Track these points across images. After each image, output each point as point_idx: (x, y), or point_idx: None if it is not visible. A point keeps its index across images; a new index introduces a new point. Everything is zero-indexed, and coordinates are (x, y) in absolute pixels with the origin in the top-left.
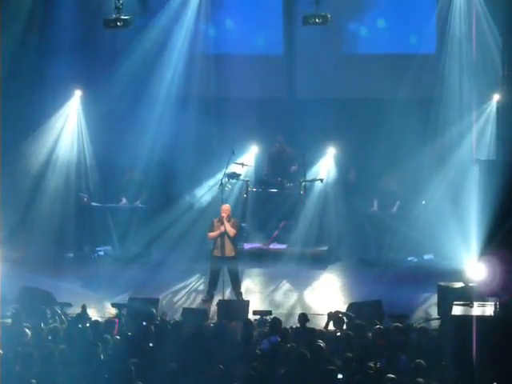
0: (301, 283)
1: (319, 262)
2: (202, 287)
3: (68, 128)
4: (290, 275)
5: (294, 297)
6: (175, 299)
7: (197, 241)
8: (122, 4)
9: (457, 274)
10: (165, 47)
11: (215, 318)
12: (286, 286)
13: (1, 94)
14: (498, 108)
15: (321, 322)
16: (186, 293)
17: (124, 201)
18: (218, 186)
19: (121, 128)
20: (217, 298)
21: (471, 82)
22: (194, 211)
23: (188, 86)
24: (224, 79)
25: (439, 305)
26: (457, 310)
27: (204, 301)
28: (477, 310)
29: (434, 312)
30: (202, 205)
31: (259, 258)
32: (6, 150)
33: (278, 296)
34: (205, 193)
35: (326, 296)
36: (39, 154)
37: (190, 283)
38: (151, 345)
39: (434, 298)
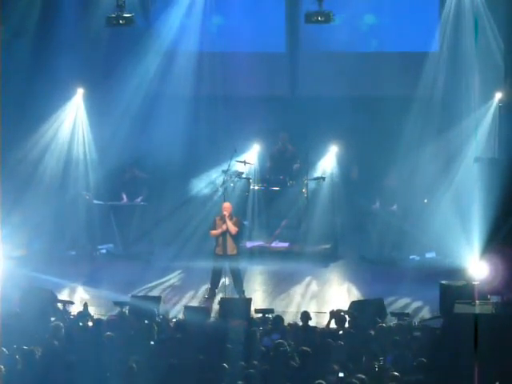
0: (303, 281)
1: (321, 260)
2: (204, 285)
3: (70, 126)
4: (292, 273)
5: (296, 295)
6: (177, 297)
7: (199, 239)
8: (124, 2)
9: (459, 272)
10: (167, 45)
11: (217, 316)
12: (288, 284)
13: (1, 92)
14: (499, 106)
15: (323, 321)
16: (188, 291)
17: (124, 198)
18: (220, 184)
19: (123, 126)
20: (219, 296)
21: (473, 80)
22: (196, 209)
23: (191, 84)
24: (226, 77)
25: (441, 303)
26: (459, 308)
27: (206, 299)
28: (479, 308)
29: (436, 310)
30: (204, 203)
31: (261, 256)
32: (7, 150)
33: (280, 294)
34: (207, 191)
35: (328, 294)
36: (41, 153)
37: (192, 281)
38: (153, 343)
39: (436, 297)
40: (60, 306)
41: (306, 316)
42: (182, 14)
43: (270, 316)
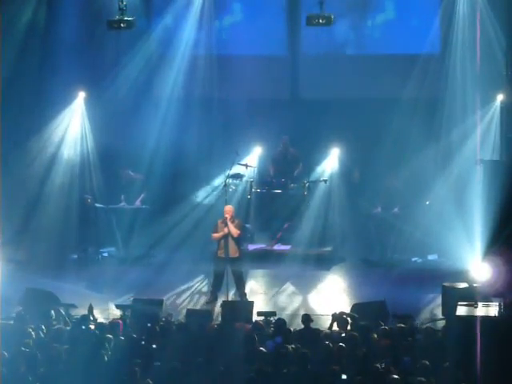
0: (305, 284)
1: (323, 262)
2: (206, 288)
3: (71, 129)
4: (294, 276)
5: (298, 298)
6: (179, 300)
7: (201, 242)
8: (125, 5)
9: (461, 275)
10: (168, 48)
11: (219, 318)
12: (290, 286)
13: (1, 96)
14: (501, 108)
15: (325, 323)
16: (190, 294)
17: (122, 199)
18: (221, 187)
19: (124, 129)
20: (221, 299)
21: (475, 82)
22: (198, 212)
23: (192, 87)
24: (228, 80)
25: (443, 305)
26: (461, 311)
27: (208, 302)
28: (481, 310)
29: (438, 312)
30: (206, 206)
31: (263, 258)
32: (8, 152)
33: (283, 297)
34: (209, 194)
35: (330, 297)
36: (42, 155)
37: (194, 284)
38: (155, 346)
39: (439, 299)
40: (62, 309)
41: (307, 319)
42: (184, 17)
43: (272, 319)
